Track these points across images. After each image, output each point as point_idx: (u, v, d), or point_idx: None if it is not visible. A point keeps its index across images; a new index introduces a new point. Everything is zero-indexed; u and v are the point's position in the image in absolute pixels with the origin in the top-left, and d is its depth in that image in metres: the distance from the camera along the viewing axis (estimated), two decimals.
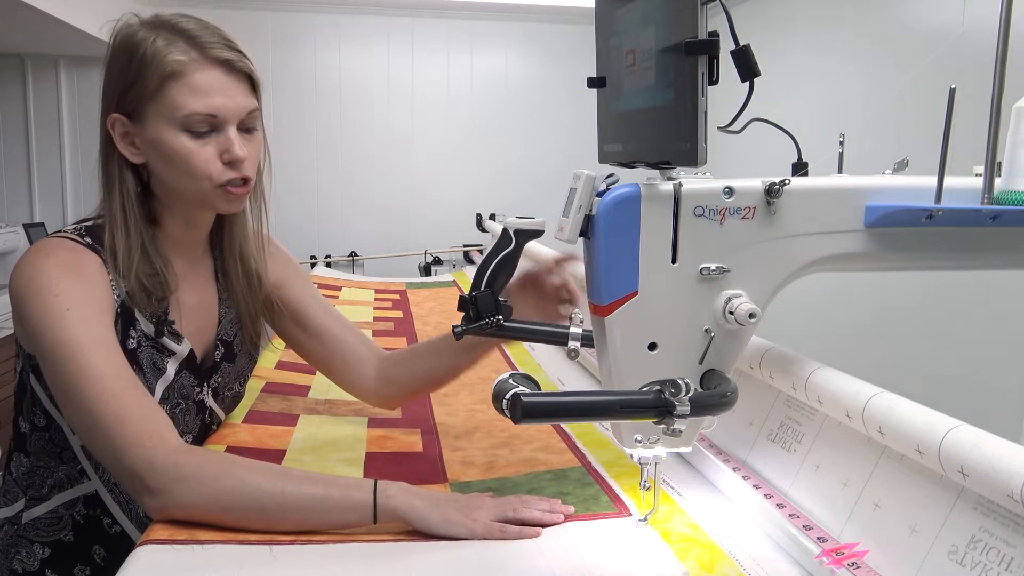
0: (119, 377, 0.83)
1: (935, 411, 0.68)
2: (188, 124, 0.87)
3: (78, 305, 0.84)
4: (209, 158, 0.88)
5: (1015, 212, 0.80)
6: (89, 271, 0.87)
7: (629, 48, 0.80)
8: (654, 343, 0.76)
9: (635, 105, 0.80)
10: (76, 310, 0.83)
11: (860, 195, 0.80)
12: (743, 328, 0.75)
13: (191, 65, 0.86)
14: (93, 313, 0.85)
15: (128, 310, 0.91)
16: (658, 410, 0.67)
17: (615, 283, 0.74)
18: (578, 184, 0.74)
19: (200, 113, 0.86)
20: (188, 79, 0.86)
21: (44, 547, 0.94)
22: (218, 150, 0.88)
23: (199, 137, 0.88)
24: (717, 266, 0.76)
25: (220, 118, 0.88)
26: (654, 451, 0.80)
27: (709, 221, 0.75)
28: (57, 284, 0.84)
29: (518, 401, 0.65)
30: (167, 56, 0.86)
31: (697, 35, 0.66)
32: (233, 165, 0.90)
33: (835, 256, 0.81)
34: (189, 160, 0.87)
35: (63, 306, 0.83)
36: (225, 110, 0.88)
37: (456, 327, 0.89)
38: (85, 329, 0.83)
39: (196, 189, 0.90)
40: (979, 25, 1.87)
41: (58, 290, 0.83)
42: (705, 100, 0.67)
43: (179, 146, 0.87)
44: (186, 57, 0.86)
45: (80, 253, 0.88)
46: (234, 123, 0.89)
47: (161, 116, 0.87)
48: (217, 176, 0.89)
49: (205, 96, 0.86)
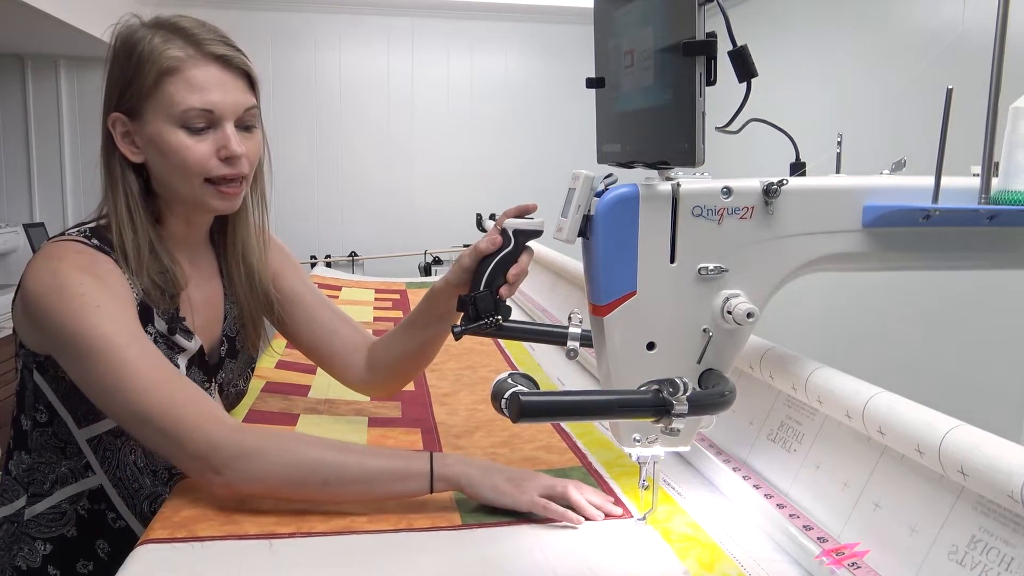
0: (161, 367, 0.85)
1: (935, 411, 0.68)
2: (185, 120, 0.87)
3: (106, 302, 0.85)
4: (206, 154, 0.88)
5: (1012, 212, 0.80)
6: (105, 271, 0.88)
7: (628, 48, 0.80)
8: (652, 343, 0.76)
9: (633, 105, 0.81)
10: (105, 307, 0.84)
11: (858, 195, 0.81)
12: (741, 328, 0.76)
13: (188, 61, 0.87)
14: (120, 309, 0.86)
15: (147, 308, 0.92)
16: (656, 409, 0.67)
17: (614, 283, 0.75)
18: (576, 184, 0.74)
19: (196, 108, 0.87)
20: (185, 75, 0.87)
21: (46, 543, 0.94)
22: (215, 146, 0.89)
23: (196, 133, 0.88)
24: (715, 266, 0.76)
25: (217, 114, 0.88)
26: (653, 450, 0.80)
27: (707, 221, 0.75)
28: (80, 284, 0.84)
29: (517, 400, 0.65)
30: (164, 52, 0.86)
31: (695, 36, 0.66)
32: (230, 161, 0.90)
33: (833, 256, 0.81)
34: (185, 156, 0.88)
35: (92, 304, 0.83)
36: (222, 105, 0.88)
37: (456, 327, 0.90)
38: (118, 325, 0.84)
39: (190, 186, 0.90)
40: (977, 26, 1.87)
41: (83, 289, 0.84)
42: (703, 100, 0.67)
43: (176, 142, 0.87)
44: (183, 53, 0.87)
45: (92, 255, 0.89)
46: (231, 119, 0.90)
47: (159, 113, 0.87)
48: (212, 172, 0.89)
49: (202, 92, 0.87)
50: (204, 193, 0.91)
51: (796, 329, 2.52)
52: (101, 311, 0.83)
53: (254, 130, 0.94)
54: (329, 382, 1.35)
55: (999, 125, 0.80)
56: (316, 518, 0.83)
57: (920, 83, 2.07)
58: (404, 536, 0.80)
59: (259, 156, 0.96)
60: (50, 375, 0.92)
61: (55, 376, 0.92)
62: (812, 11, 2.61)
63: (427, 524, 0.82)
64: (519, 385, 0.72)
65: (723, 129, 0.76)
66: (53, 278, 0.85)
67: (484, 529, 0.81)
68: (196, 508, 0.84)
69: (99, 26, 2.67)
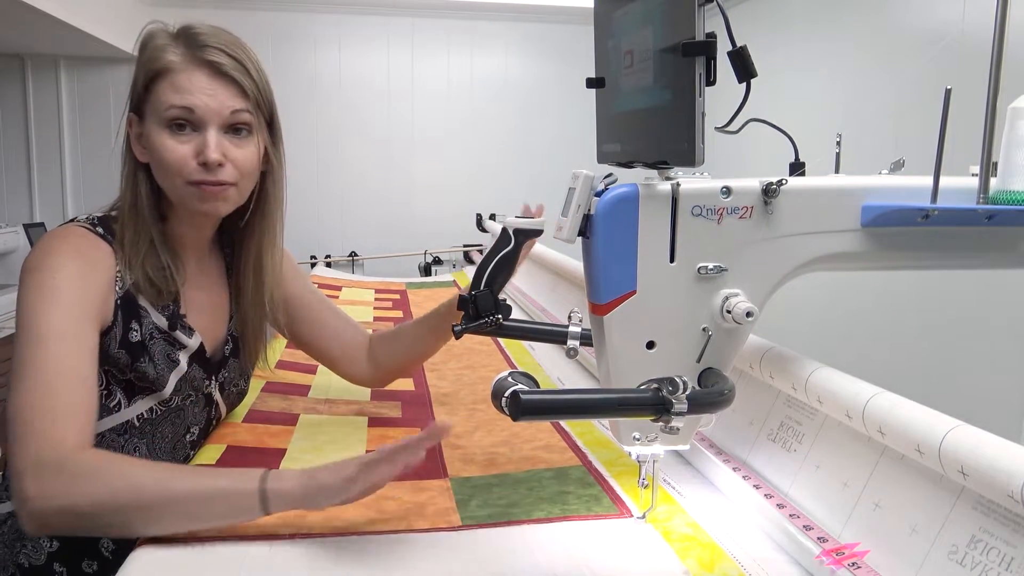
0: (65, 375, 0.81)
1: (935, 411, 0.68)
2: (168, 120, 0.89)
3: (69, 293, 0.85)
4: (184, 156, 0.90)
5: (1011, 212, 0.81)
6: (96, 257, 0.90)
7: (627, 49, 0.80)
8: (652, 342, 0.76)
9: (633, 105, 0.81)
10: (65, 297, 0.84)
11: (857, 195, 0.81)
12: (741, 327, 0.76)
13: (179, 64, 0.90)
14: (85, 300, 0.86)
15: (132, 302, 0.92)
16: (656, 408, 0.67)
17: (613, 282, 0.75)
18: (576, 184, 0.74)
19: (177, 107, 0.88)
20: (173, 77, 0.89)
21: (51, 540, 0.94)
22: (194, 150, 0.90)
23: (178, 135, 0.90)
24: (715, 265, 0.76)
25: (198, 115, 0.89)
26: (652, 449, 0.80)
27: (707, 221, 0.75)
28: (62, 268, 0.86)
29: (517, 398, 0.66)
30: (160, 55, 0.90)
31: (694, 36, 0.66)
32: (207, 167, 0.90)
33: (832, 255, 0.81)
34: (165, 156, 0.90)
35: (56, 287, 0.84)
36: (204, 109, 0.89)
37: (456, 326, 0.90)
38: (61, 318, 0.83)
39: (174, 187, 0.92)
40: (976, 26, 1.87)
41: (57, 274, 0.85)
42: (703, 101, 0.67)
43: (160, 143, 0.90)
44: (176, 57, 0.90)
45: (92, 240, 0.91)
46: (215, 124, 0.90)
47: (152, 114, 0.91)
48: (190, 176, 0.90)
49: (186, 94, 0.89)
50: (187, 193, 0.92)
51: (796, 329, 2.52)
52: (57, 297, 0.84)
53: (247, 136, 0.94)
54: (329, 382, 1.35)
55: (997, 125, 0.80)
56: (316, 520, 0.83)
57: (920, 83, 2.07)
58: (404, 537, 0.80)
59: (252, 164, 0.95)
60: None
61: None
62: (812, 11, 2.61)
63: (427, 525, 0.82)
64: (519, 384, 0.71)
65: (723, 129, 0.76)
66: (42, 255, 0.87)
67: (484, 530, 0.81)
68: None
69: (99, 26, 2.67)
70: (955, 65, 1.91)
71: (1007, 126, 0.83)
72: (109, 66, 3.25)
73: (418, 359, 1.20)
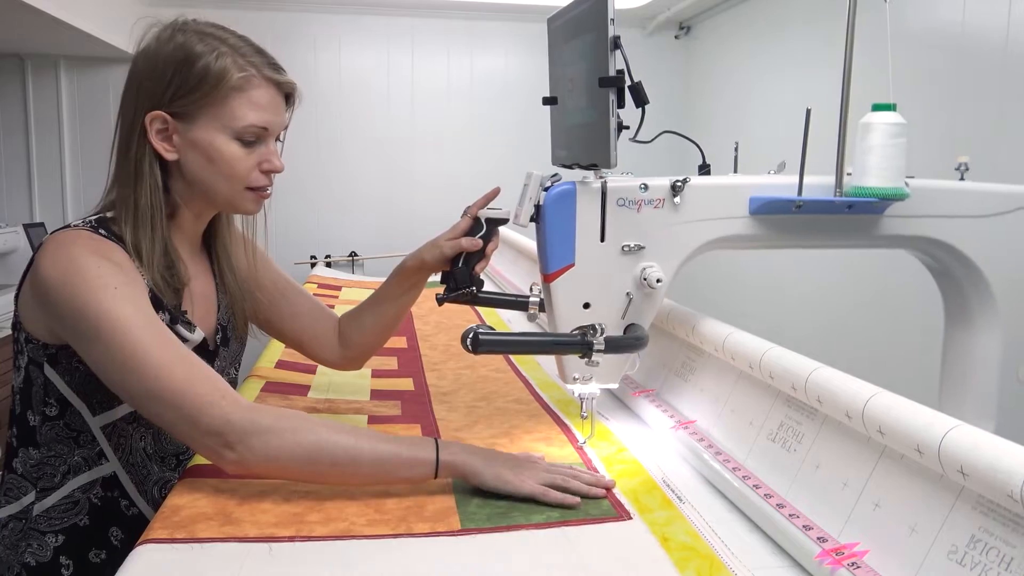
0: (177, 347, 0.87)
1: (935, 411, 0.68)
2: (242, 133, 0.94)
3: (122, 286, 0.87)
4: (251, 166, 0.96)
5: (864, 203, 1.04)
6: (119, 258, 0.91)
7: (571, 76, 1.03)
8: (588, 303, 1.01)
9: (574, 120, 1.04)
10: (121, 289, 0.87)
11: (745, 190, 1.04)
12: (655, 291, 1.00)
13: (253, 81, 0.94)
14: (136, 293, 0.88)
15: (156, 298, 0.94)
16: (581, 347, 0.91)
17: (557, 257, 0.99)
18: (529, 181, 1.00)
19: (256, 126, 0.95)
20: (249, 93, 0.94)
21: (57, 535, 0.95)
22: (258, 159, 0.97)
23: (247, 146, 0.96)
24: (635, 244, 1.00)
25: (269, 132, 0.97)
26: (589, 387, 1.04)
27: (628, 210, 1.00)
28: (98, 267, 0.87)
29: (475, 335, 0.87)
30: (232, 71, 0.93)
31: (608, 72, 0.88)
32: (269, 175, 0.99)
33: (727, 237, 1.05)
34: (234, 165, 0.95)
35: (109, 285, 0.86)
36: (274, 125, 0.98)
37: (439, 295, 1.08)
38: (135, 307, 0.87)
39: (229, 190, 0.97)
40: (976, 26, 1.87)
41: (100, 272, 0.86)
42: (615, 119, 0.90)
43: (228, 152, 0.94)
44: (247, 73, 0.94)
45: (103, 242, 0.91)
46: (275, 137, 0.99)
47: (214, 122, 0.93)
48: (254, 183, 0.98)
49: (263, 111, 0.95)
50: (244, 197, 0.98)
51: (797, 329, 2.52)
52: (119, 293, 0.86)
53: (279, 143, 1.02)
54: (329, 382, 1.35)
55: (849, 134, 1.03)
56: (316, 521, 0.83)
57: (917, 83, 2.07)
58: (403, 541, 0.79)
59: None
60: (63, 366, 0.93)
61: (68, 367, 0.93)
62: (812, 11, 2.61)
63: (426, 529, 0.82)
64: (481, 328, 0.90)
65: (634, 139, 0.97)
66: (70, 263, 0.87)
67: (483, 535, 0.81)
68: (196, 509, 0.84)
69: (99, 26, 2.67)
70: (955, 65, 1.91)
71: (859, 136, 1.03)
72: (109, 66, 3.24)
73: (384, 331, 1.21)
